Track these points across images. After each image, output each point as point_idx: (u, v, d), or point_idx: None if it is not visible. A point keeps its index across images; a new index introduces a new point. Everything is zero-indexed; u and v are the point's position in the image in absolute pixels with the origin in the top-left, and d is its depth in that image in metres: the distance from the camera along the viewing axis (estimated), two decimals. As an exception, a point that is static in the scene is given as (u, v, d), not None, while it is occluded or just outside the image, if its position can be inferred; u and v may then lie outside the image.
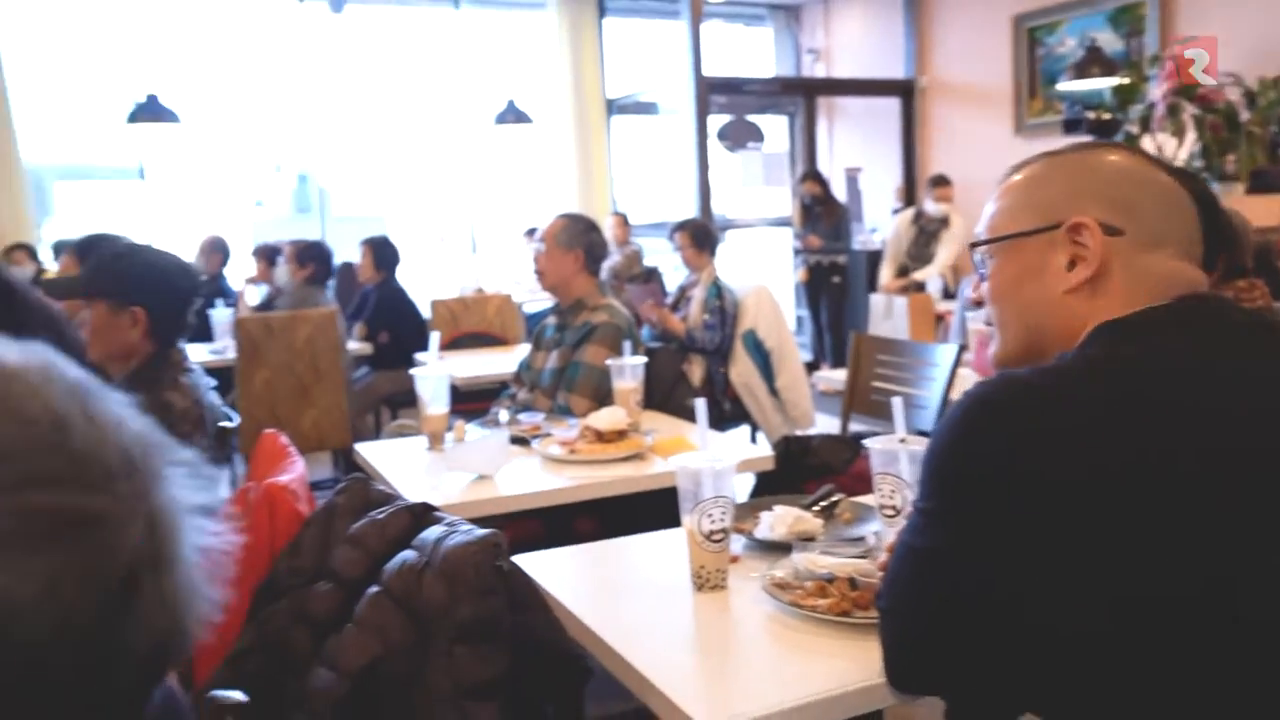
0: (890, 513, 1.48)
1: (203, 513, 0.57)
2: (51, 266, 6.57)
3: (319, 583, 1.25)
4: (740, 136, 8.17)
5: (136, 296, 1.95)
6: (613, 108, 8.56)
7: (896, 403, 1.51)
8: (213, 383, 2.14)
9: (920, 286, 6.19)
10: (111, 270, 2.00)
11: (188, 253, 6.55)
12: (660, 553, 1.67)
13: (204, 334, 4.95)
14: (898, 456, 1.45)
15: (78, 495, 0.50)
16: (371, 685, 1.07)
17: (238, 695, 0.77)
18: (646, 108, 8.74)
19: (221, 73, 8.41)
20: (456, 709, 1.08)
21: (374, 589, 1.14)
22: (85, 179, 9.82)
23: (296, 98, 8.45)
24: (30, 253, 6.56)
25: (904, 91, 7.96)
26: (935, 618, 0.99)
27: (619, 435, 2.39)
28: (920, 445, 1.43)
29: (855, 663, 1.20)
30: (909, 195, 7.92)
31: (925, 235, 6.54)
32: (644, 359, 2.70)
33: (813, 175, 7.38)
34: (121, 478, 0.52)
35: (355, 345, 5.08)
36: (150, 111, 5.82)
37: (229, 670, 1.20)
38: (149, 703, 0.59)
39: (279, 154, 9.81)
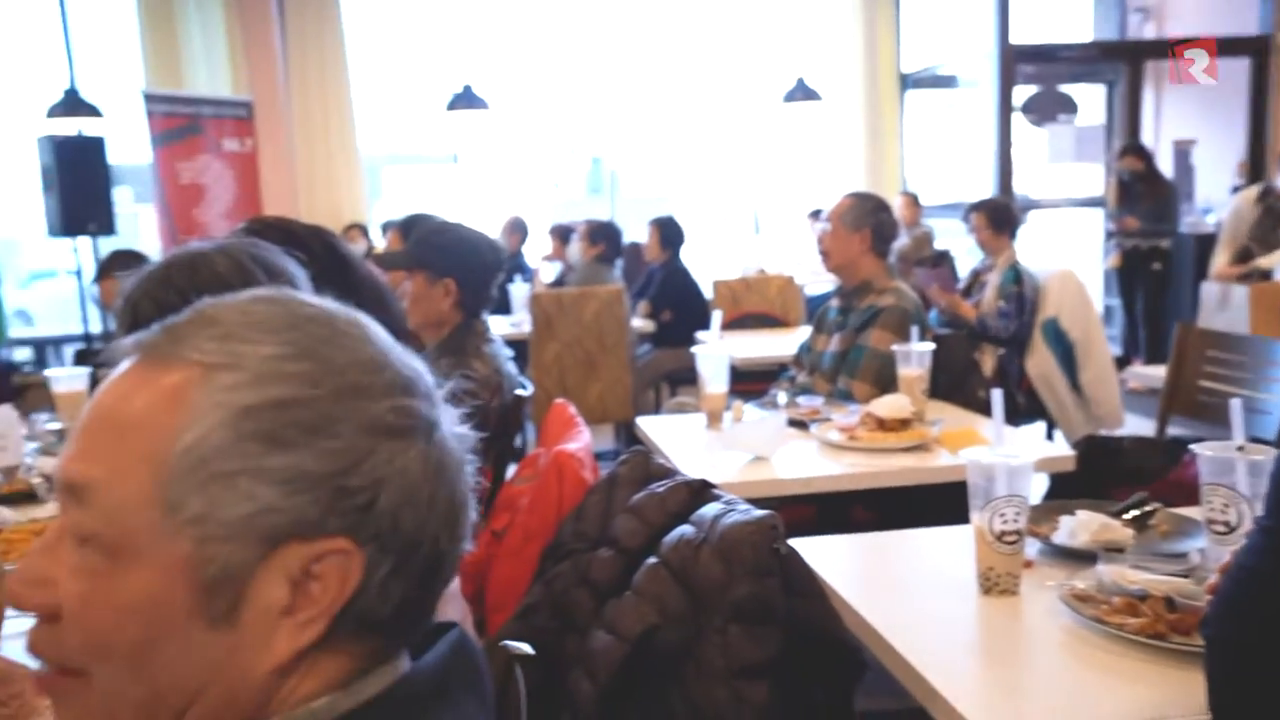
0: (1221, 529, 1.32)
1: (468, 447, 0.66)
2: (379, 243, 7.35)
3: (601, 549, 1.30)
4: (1049, 109, 7.59)
5: (450, 269, 2.13)
6: (907, 82, 8.24)
7: (1235, 405, 1.34)
8: (510, 353, 2.30)
9: (1265, 275, 5.46)
10: (430, 244, 2.19)
11: (493, 231, 7.07)
12: (944, 549, 1.59)
13: (503, 307, 5.33)
14: (1234, 466, 1.29)
15: (422, 403, 0.61)
16: (648, 653, 1.10)
17: (525, 647, 0.81)
18: (945, 81, 8.34)
19: (526, 62, 8.97)
20: (727, 686, 1.08)
21: (653, 560, 1.17)
22: (408, 164, 10.87)
23: (591, 83, 8.84)
24: (363, 231, 7.36)
25: (1256, 50, 7.02)
26: (1274, 651, 0.87)
27: (902, 424, 2.31)
28: (1264, 455, 1.27)
29: (1168, 693, 1.08)
30: (1254, 171, 7.01)
31: (1273, 216, 5.76)
32: (932, 345, 2.59)
33: (1134, 149, 6.69)
34: (436, 397, 0.64)
35: (639, 322, 5.26)
36: (465, 101, 6.30)
37: (518, 623, 1.28)
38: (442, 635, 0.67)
39: (574, 138, 10.34)
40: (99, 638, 0.57)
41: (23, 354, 7.48)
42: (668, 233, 5.44)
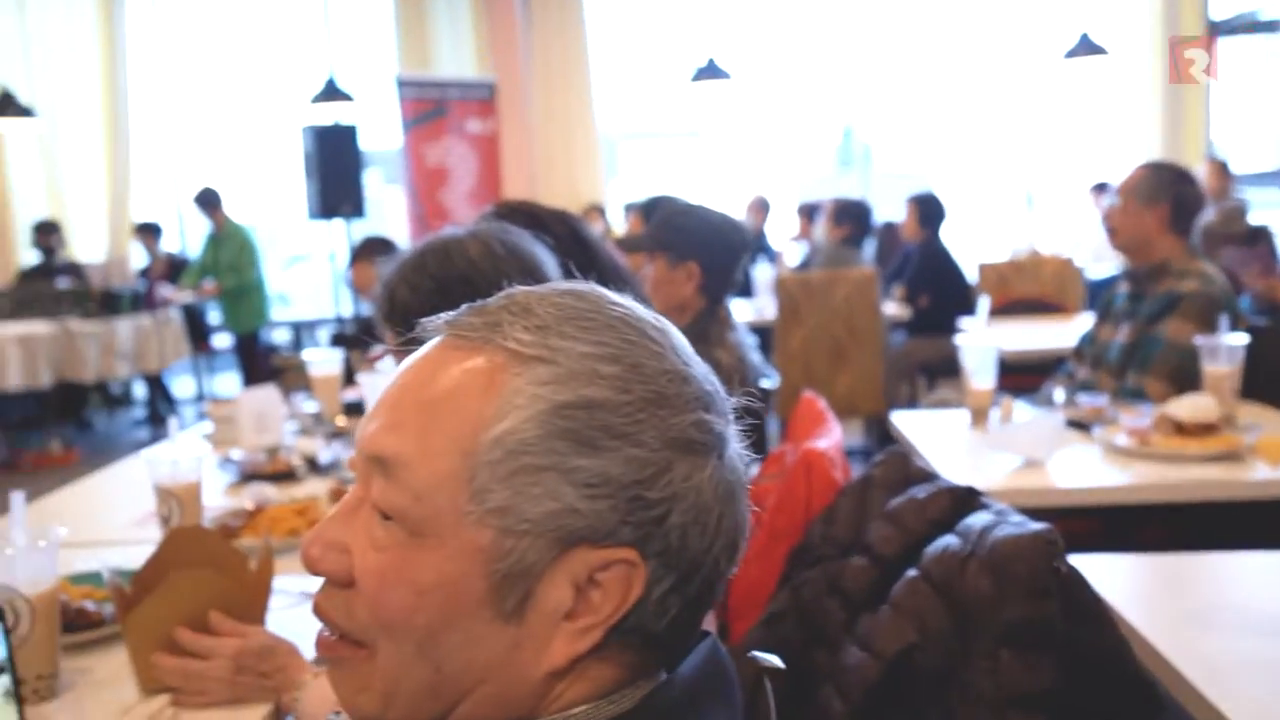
0: None
1: (748, 466, 0.67)
2: (616, 224, 7.58)
3: (853, 556, 1.28)
4: (1404, 54, 6.68)
5: (693, 252, 2.17)
6: (1217, 29, 7.52)
7: None
8: (754, 340, 2.30)
9: None
10: (672, 226, 2.24)
11: (734, 206, 7.13)
12: (1261, 578, 1.46)
13: (745, 291, 5.35)
14: None
15: (718, 420, 0.63)
16: (906, 674, 1.07)
17: (775, 660, 0.81)
18: (1267, 26, 7.53)
19: (772, 28, 8.92)
20: (997, 717, 1.04)
21: (912, 572, 1.14)
22: (647, 139, 11.12)
23: (843, 47, 8.68)
24: (600, 212, 7.62)
25: None
26: None
27: (1206, 429, 2.14)
28: None
29: None
30: None
31: None
32: (1245, 337, 2.37)
33: None
34: (730, 413, 0.66)
35: (893, 308, 5.13)
36: (708, 73, 6.36)
37: (763, 631, 1.29)
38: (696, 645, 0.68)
39: (824, 108, 10.19)
40: (392, 614, 0.61)
41: (281, 335, 8.31)
42: (927, 210, 5.27)
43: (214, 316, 7.65)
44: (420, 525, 0.60)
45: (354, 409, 2.71)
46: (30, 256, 7.24)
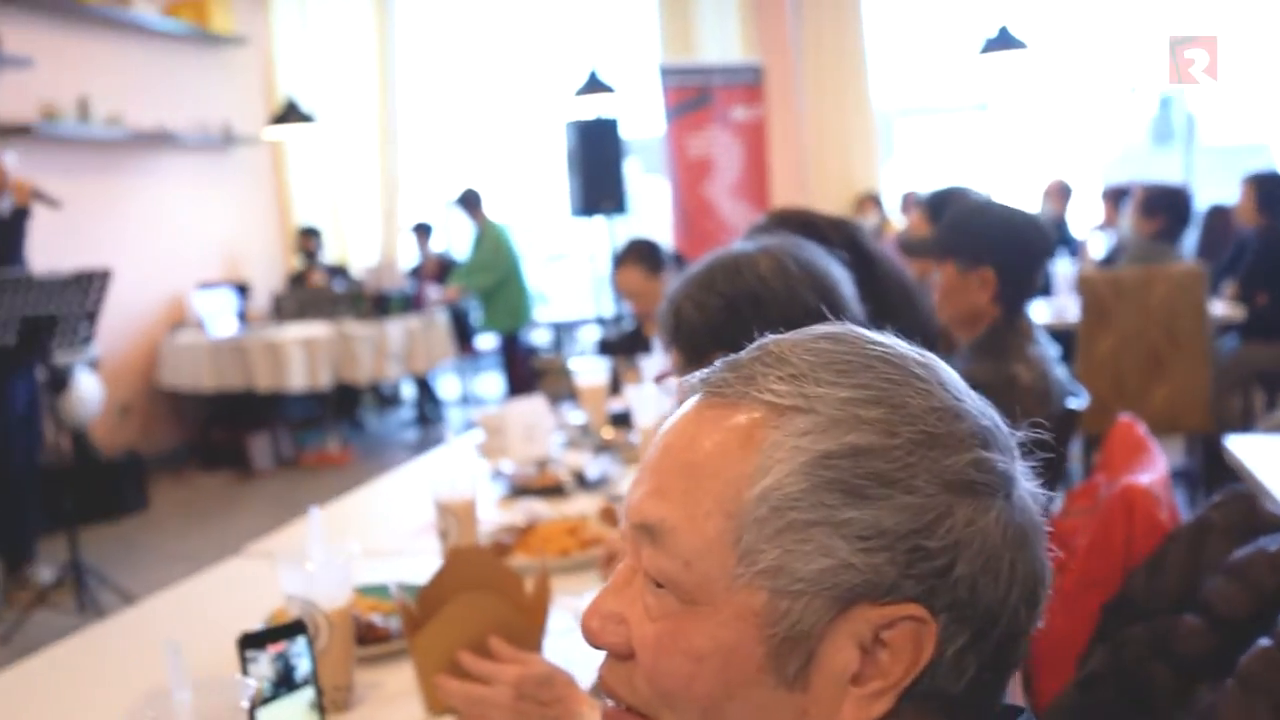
0: None
1: (1044, 506, 0.65)
2: (892, 214, 7.42)
3: (1186, 614, 1.20)
4: None
5: (987, 256, 2.09)
6: None
7: None
8: (1057, 350, 2.18)
9: None
10: (963, 229, 2.17)
11: (1030, 190, 6.81)
12: None
13: (1041, 289, 5.08)
14: None
15: (1000, 457, 0.63)
16: (1255, 761, 1.00)
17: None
18: None
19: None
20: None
21: (1265, 642, 1.05)
22: (926, 115, 10.79)
23: (1159, 3, 8.08)
24: (876, 202, 7.49)
25: None
26: None
27: None
28: None
29: None
30: None
31: None
32: None
33: None
34: (1014, 450, 0.65)
35: (1223, 307, 4.73)
36: (1000, 43, 6.10)
37: (1078, 695, 1.23)
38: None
39: (1136, 73, 9.50)
40: (670, 684, 0.63)
41: (541, 336, 8.72)
42: (1268, 190, 4.82)
43: (478, 318, 8.14)
44: (692, 592, 0.62)
45: (621, 420, 2.80)
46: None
